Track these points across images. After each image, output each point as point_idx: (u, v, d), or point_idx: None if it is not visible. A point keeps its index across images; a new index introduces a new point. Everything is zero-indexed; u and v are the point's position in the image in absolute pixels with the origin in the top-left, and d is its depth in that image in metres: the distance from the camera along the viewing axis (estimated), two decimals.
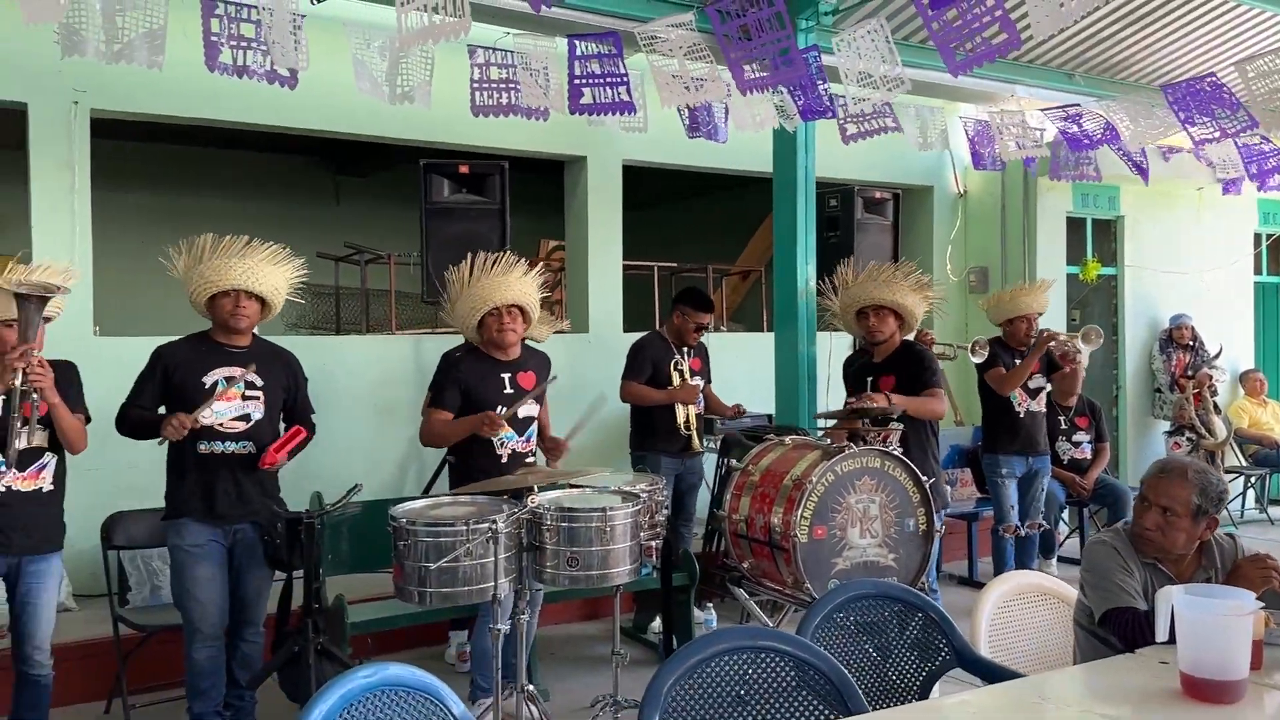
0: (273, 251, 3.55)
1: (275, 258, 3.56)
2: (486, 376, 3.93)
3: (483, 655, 3.79)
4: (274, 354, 3.68)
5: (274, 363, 3.64)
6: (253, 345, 3.61)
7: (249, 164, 9.39)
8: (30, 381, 2.99)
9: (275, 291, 3.58)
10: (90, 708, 4.09)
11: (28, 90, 4.83)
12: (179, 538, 3.46)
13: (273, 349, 3.71)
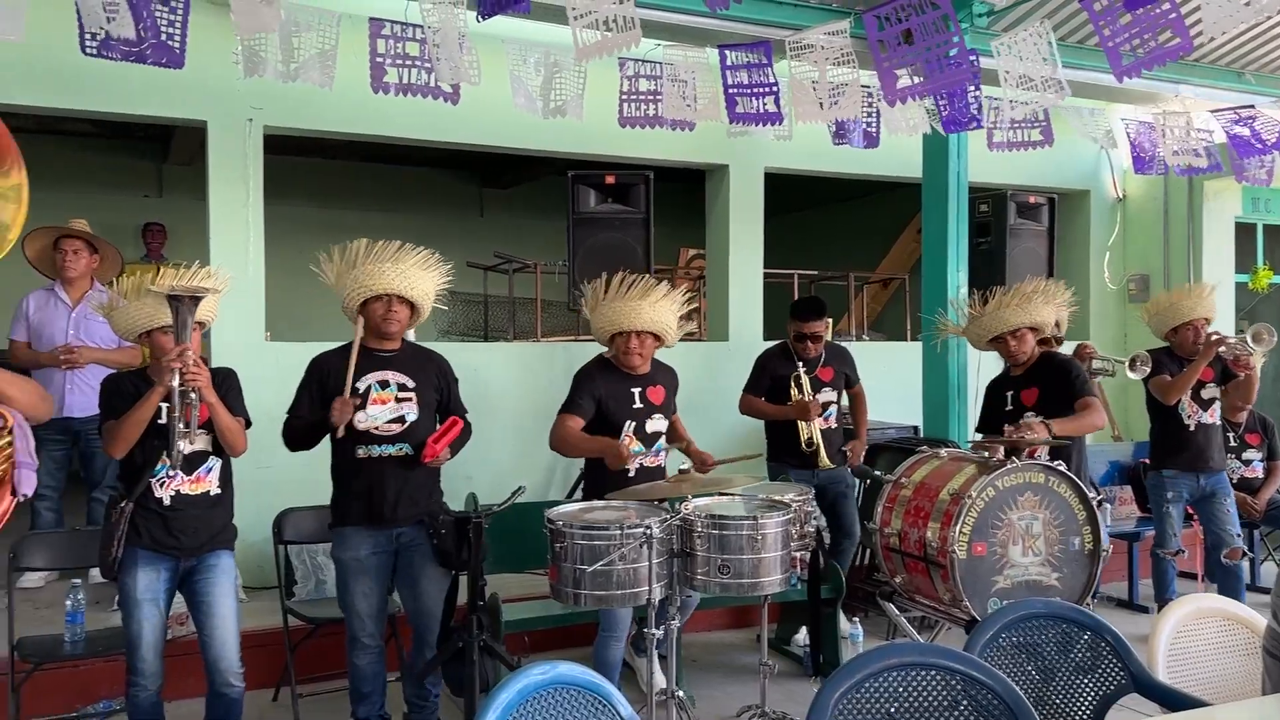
0: (423, 257, 3.60)
1: (425, 263, 3.61)
2: (618, 390, 4.00)
3: (603, 667, 3.78)
4: (424, 356, 3.75)
5: (425, 365, 3.70)
6: (402, 349, 3.68)
7: (400, 178, 9.79)
8: (187, 380, 3.07)
9: (425, 296, 3.64)
10: (259, 695, 4.29)
11: (207, 108, 5.14)
12: (342, 549, 3.55)
13: (423, 351, 3.78)
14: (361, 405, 3.52)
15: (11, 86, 4.77)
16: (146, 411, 3.13)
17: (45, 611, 4.61)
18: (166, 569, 3.24)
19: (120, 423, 3.14)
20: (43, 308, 4.95)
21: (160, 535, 3.21)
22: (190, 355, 3.08)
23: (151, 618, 3.21)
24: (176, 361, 3.05)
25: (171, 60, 3.84)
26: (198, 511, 3.28)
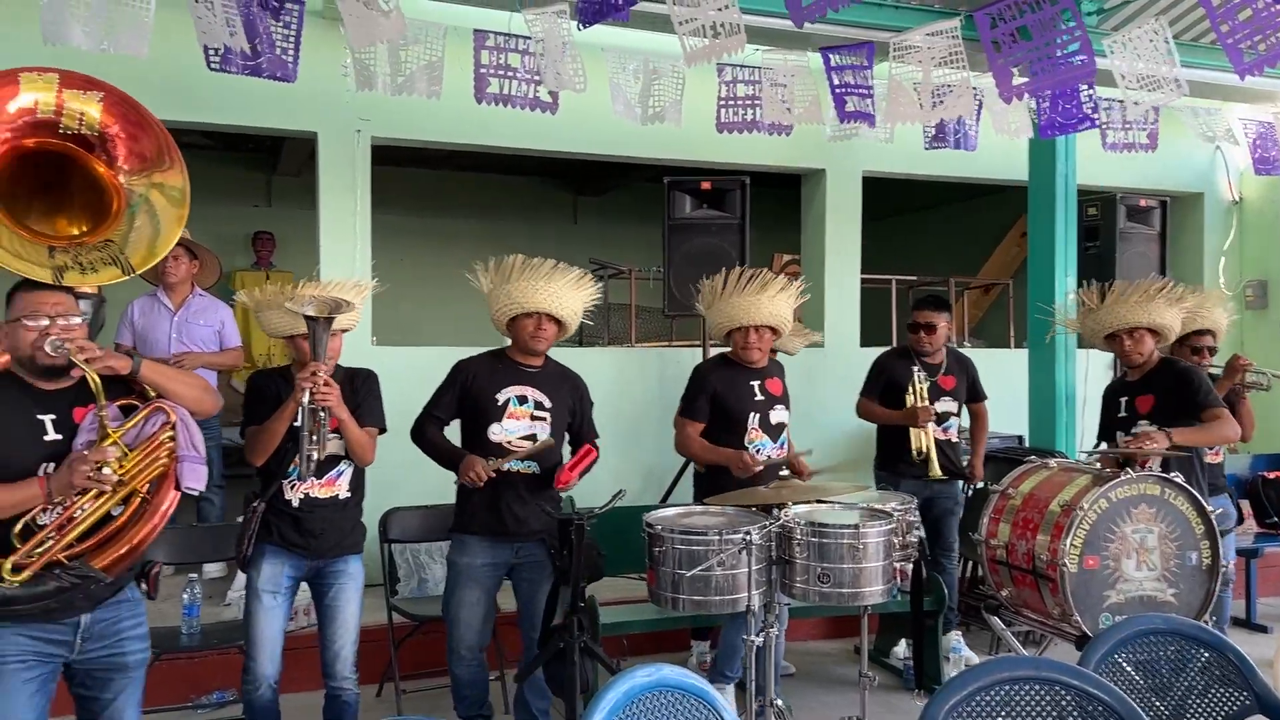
0: (575, 276, 3.60)
1: (577, 281, 3.62)
2: (736, 383, 3.99)
3: (731, 648, 3.89)
4: (562, 376, 3.74)
5: (562, 384, 3.71)
6: (545, 366, 3.69)
7: (498, 187, 9.95)
8: (316, 400, 3.11)
9: (574, 315, 3.64)
10: (364, 690, 4.38)
11: (318, 120, 5.32)
12: (459, 554, 3.60)
13: (562, 371, 3.76)
14: (499, 417, 3.56)
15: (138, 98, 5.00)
16: (282, 425, 3.19)
17: (163, 605, 4.79)
18: (293, 566, 3.32)
19: (259, 432, 3.22)
20: (147, 313, 5.12)
21: (290, 534, 3.29)
22: (321, 375, 3.10)
23: (271, 610, 3.29)
24: (307, 381, 3.09)
25: (285, 74, 3.98)
26: (327, 514, 3.33)
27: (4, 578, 2.38)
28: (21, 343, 2.51)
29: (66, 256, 2.68)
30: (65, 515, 2.48)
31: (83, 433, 2.55)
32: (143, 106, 2.82)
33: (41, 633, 2.49)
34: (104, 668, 2.61)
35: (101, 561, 2.50)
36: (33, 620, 2.46)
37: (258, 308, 3.43)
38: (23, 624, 2.46)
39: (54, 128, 2.72)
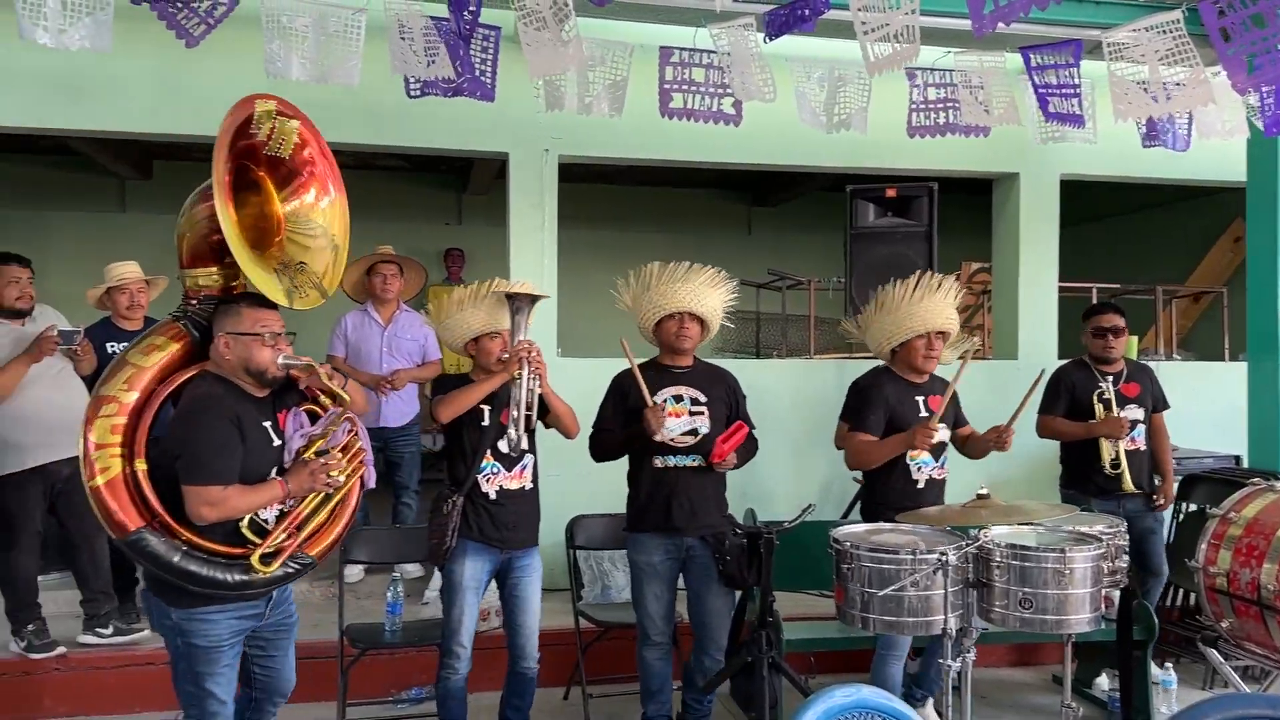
0: (710, 275, 3.73)
1: (714, 280, 3.74)
2: (904, 399, 3.89)
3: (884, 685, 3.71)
4: (714, 373, 3.87)
5: (716, 381, 3.82)
6: (695, 366, 3.81)
7: (675, 200, 10.05)
8: (534, 366, 3.37)
9: (714, 313, 3.77)
10: (551, 693, 4.52)
11: (510, 141, 5.52)
12: (636, 552, 3.72)
13: (713, 369, 3.89)
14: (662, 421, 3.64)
15: (344, 126, 5.32)
16: (483, 390, 3.43)
17: (365, 602, 5.07)
18: (489, 560, 3.52)
19: (458, 393, 3.44)
20: (359, 327, 5.43)
21: (488, 528, 3.49)
22: (537, 348, 3.39)
23: (472, 605, 3.49)
24: (524, 351, 3.36)
25: (484, 94, 4.15)
26: (517, 506, 3.54)
27: (255, 567, 2.65)
28: (254, 356, 2.73)
29: (287, 280, 2.91)
30: (296, 514, 2.76)
31: (293, 438, 2.80)
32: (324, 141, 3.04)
33: (246, 610, 2.77)
34: (276, 631, 2.92)
35: (314, 550, 2.81)
36: (236, 600, 2.72)
37: (443, 314, 3.63)
38: (230, 605, 2.72)
39: (261, 148, 2.93)
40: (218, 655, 2.71)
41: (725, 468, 3.66)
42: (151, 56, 4.72)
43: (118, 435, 2.69)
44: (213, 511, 2.62)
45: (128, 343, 4.55)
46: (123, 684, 4.31)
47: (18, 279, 4.30)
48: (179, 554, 2.63)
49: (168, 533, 2.65)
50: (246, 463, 2.68)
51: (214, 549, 2.67)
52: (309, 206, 3.00)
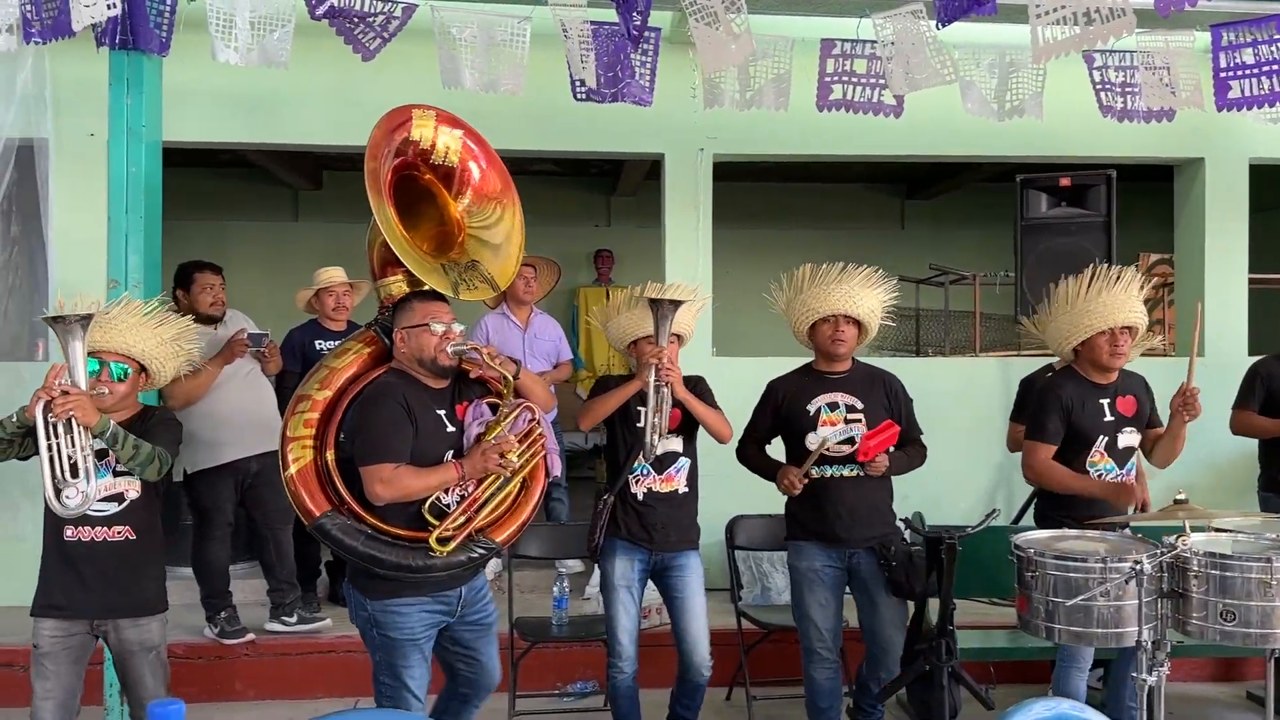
0: (866, 275, 3.61)
1: (869, 281, 3.61)
2: (1087, 402, 3.61)
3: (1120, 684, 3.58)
4: (873, 377, 3.72)
5: (873, 386, 3.67)
6: (852, 369, 3.69)
7: (826, 196, 9.89)
8: (661, 375, 3.34)
9: (871, 314, 3.63)
10: (713, 693, 4.47)
11: (665, 142, 5.54)
12: (797, 559, 3.63)
13: (872, 372, 3.75)
14: (812, 426, 3.58)
15: (507, 133, 5.42)
16: (622, 396, 3.44)
17: (529, 596, 5.19)
18: (640, 560, 3.53)
19: (596, 401, 3.48)
20: (500, 330, 5.48)
21: (635, 528, 3.51)
22: (667, 354, 3.37)
23: (627, 603, 3.52)
24: (653, 358, 3.34)
25: (642, 98, 4.17)
26: (667, 509, 3.53)
27: (432, 548, 2.73)
28: (425, 347, 2.85)
29: (455, 274, 3.02)
30: (473, 496, 2.84)
31: (472, 425, 2.90)
32: (489, 146, 3.10)
33: (438, 603, 2.85)
34: (474, 628, 2.98)
35: (499, 536, 2.87)
36: (425, 593, 2.82)
37: (605, 317, 3.68)
38: (424, 596, 2.81)
39: (427, 158, 3.06)
40: (411, 648, 2.82)
41: (876, 470, 3.50)
42: (327, 71, 4.94)
43: (309, 429, 2.88)
44: (386, 489, 2.73)
45: (333, 341, 4.88)
46: (306, 670, 4.54)
47: (211, 285, 4.58)
48: (362, 538, 2.77)
49: (355, 519, 2.79)
50: (418, 446, 2.80)
51: (397, 533, 2.78)
52: (483, 208, 3.10)
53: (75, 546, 2.98)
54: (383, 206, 2.80)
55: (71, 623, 3.00)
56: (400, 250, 2.79)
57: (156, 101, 4.31)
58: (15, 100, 5.03)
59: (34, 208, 5.17)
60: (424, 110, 3.09)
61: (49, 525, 3.01)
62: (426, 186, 3.18)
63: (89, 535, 2.98)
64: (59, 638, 2.99)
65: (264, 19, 4.06)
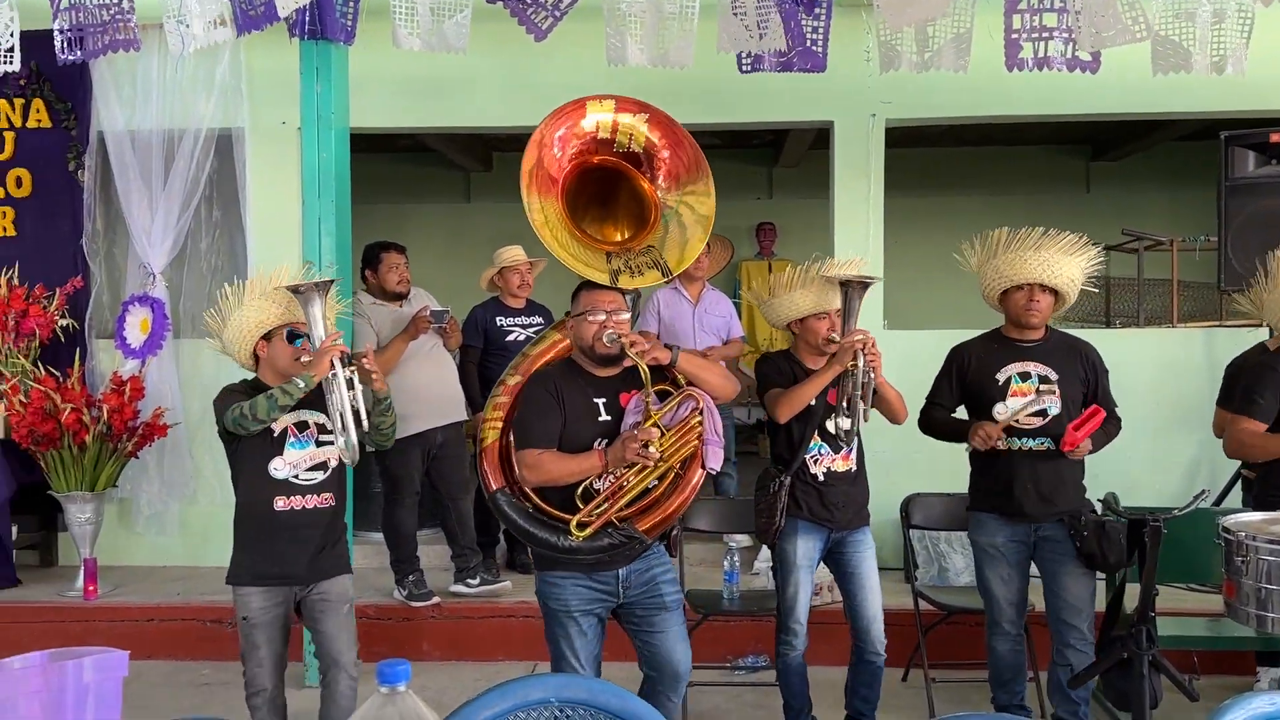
0: (1068, 242, 3.42)
1: (1070, 248, 3.42)
2: None
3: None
4: (1070, 346, 3.57)
5: (1070, 355, 3.52)
6: (1047, 338, 3.54)
7: (1005, 160, 9.44)
8: (868, 360, 3.26)
9: (1070, 283, 3.44)
10: (889, 673, 4.41)
11: (835, 109, 5.41)
12: (978, 533, 3.55)
13: (1069, 341, 3.60)
14: (1001, 396, 3.46)
15: (674, 107, 5.42)
16: (814, 389, 3.35)
17: (698, 569, 5.22)
18: (820, 538, 3.48)
19: (788, 394, 3.39)
20: (671, 305, 5.48)
21: (816, 508, 3.45)
22: (872, 338, 3.28)
23: (806, 583, 3.48)
24: (858, 343, 3.25)
25: (815, 65, 4.07)
26: (844, 487, 3.48)
27: (572, 532, 2.81)
28: (584, 335, 2.90)
29: (619, 261, 3.05)
30: (615, 484, 2.86)
31: (629, 415, 2.91)
32: (679, 125, 3.08)
33: (594, 583, 2.90)
34: (647, 609, 2.97)
35: (644, 525, 2.88)
36: (584, 571, 2.88)
37: (771, 293, 3.60)
38: (578, 574, 2.88)
39: (610, 145, 3.08)
40: (565, 619, 2.90)
41: (1078, 456, 3.37)
42: (499, 54, 5.05)
43: (499, 412, 3.02)
44: (531, 474, 2.84)
45: (513, 318, 5.00)
46: (489, 633, 4.72)
47: (397, 264, 4.79)
48: (522, 515, 2.91)
49: (522, 497, 2.93)
50: (567, 432, 2.86)
51: (553, 513, 2.88)
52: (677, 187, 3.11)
53: (287, 515, 3.14)
54: (533, 200, 2.88)
55: (278, 589, 3.17)
56: (548, 242, 2.87)
57: (344, 89, 4.53)
58: (215, 92, 5.42)
59: (233, 194, 5.56)
60: (600, 100, 3.12)
61: (258, 498, 3.16)
62: (616, 171, 3.21)
63: (300, 503, 3.16)
64: (268, 607, 3.16)
65: (443, 4, 4.18)
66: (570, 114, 3.11)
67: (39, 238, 5.49)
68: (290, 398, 3.01)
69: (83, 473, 4.89)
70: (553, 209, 3.03)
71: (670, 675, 2.98)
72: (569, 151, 3.11)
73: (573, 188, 3.13)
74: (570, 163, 3.10)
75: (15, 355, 5.11)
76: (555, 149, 3.08)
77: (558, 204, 3.04)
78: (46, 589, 5.07)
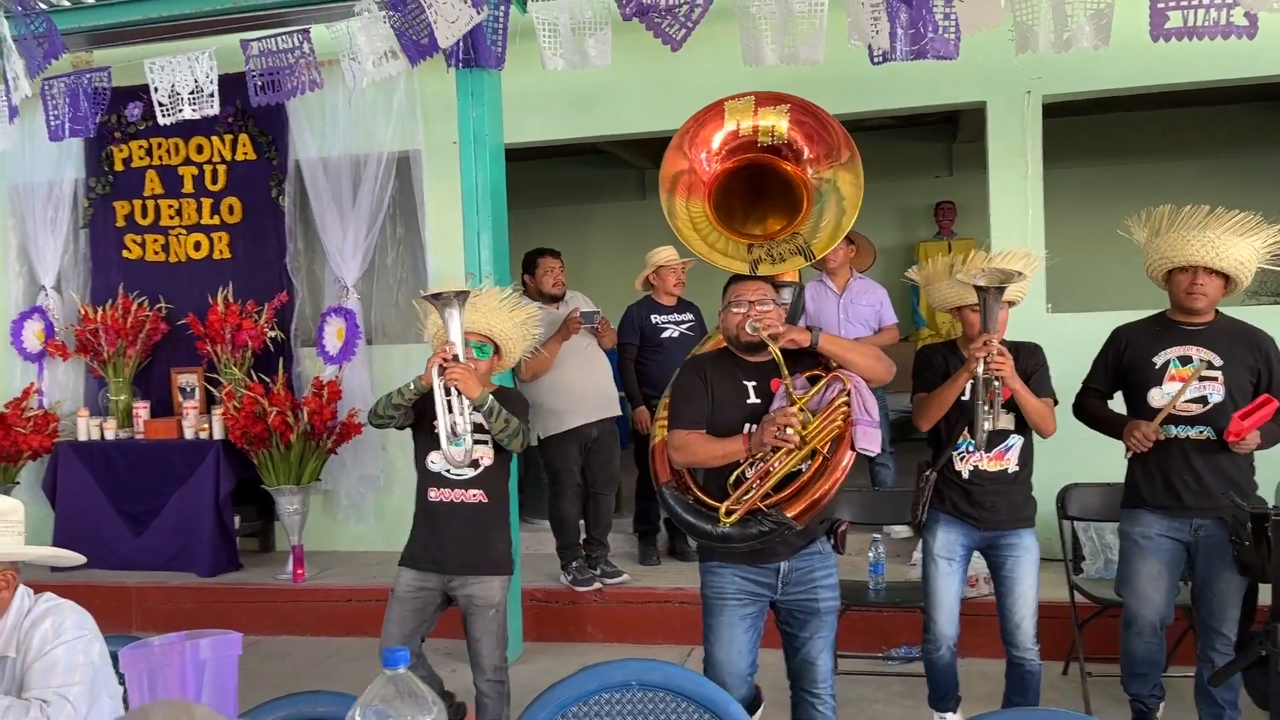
0: (1240, 221, 3.18)
1: (1242, 227, 3.19)
2: None
3: None
4: (1239, 332, 3.35)
5: (1238, 341, 3.31)
6: (1215, 321, 3.34)
7: (1196, 121, 8.77)
8: (990, 370, 3.14)
9: (1240, 266, 3.21)
10: (1049, 666, 4.29)
11: (986, 89, 5.27)
12: (1130, 524, 3.42)
13: (1238, 326, 3.37)
14: (1158, 381, 3.31)
15: (819, 99, 5.46)
16: (952, 393, 3.27)
17: (855, 558, 5.23)
18: (965, 534, 3.42)
19: (929, 398, 3.35)
20: (816, 297, 5.53)
21: (961, 504, 3.39)
22: (994, 345, 3.14)
23: (947, 575, 3.43)
24: (980, 351, 3.15)
25: (947, 52, 4.03)
26: (996, 487, 3.37)
27: (721, 519, 2.86)
28: (729, 325, 2.96)
29: (761, 250, 3.10)
30: (763, 469, 2.86)
31: (777, 399, 2.91)
32: (821, 110, 3.12)
33: (753, 574, 2.93)
34: (801, 610, 2.96)
35: (792, 511, 2.84)
36: (744, 561, 2.91)
37: (926, 281, 3.57)
38: (737, 564, 2.93)
39: (753, 144, 3.15)
40: (718, 607, 2.95)
41: (1245, 449, 3.17)
42: (644, 64, 5.23)
43: (667, 411, 3.10)
44: (679, 455, 2.92)
45: (667, 315, 5.20)
46: (647, 617, 4.95)
47: (552, 269, 5.09)
48: (683, 506, 2.97)
49: (684, 490, 3.02)
50: (715, 415, 2.92)
51: (709, 504, 2.91)
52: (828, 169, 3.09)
53: (437, 506, 3.44)
54: (675, 203, 2.99)
55: (426, 575, 3.45)
56: (689, 240, 2.98)
57: (497, 111, 4.85)
58: (393, 118, 5.90)
59: (412, 211, 6.05)
60: (739, 99, 3.17)
61: (419, 488, 3.52)
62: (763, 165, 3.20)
63: (449, 496, 3.44)
64: (413, 587, 3.43)
65: (582, 24, 4.42)
66: (711, 116, 3.17)
67: (249, 259, 6.18)
68: (404, 398, 3.35)
69: (289, 468, 5.48)
70: (698, 209, 3.10)
71: (812, 680, 2.97)
72: (713, 153, 3.16)
73: (720, 187, 3.17)
74: (716, 163, 3.16)
75: (231, 365, 5.79)
76: (698, 151, 3.14)
77: (704, 204, 3.09)
78: (263, 572, 5.71)
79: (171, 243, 6.31)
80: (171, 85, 4.82)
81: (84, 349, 6.18)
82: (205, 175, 6.25)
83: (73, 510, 5.92)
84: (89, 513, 5.88)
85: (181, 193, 6.28)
